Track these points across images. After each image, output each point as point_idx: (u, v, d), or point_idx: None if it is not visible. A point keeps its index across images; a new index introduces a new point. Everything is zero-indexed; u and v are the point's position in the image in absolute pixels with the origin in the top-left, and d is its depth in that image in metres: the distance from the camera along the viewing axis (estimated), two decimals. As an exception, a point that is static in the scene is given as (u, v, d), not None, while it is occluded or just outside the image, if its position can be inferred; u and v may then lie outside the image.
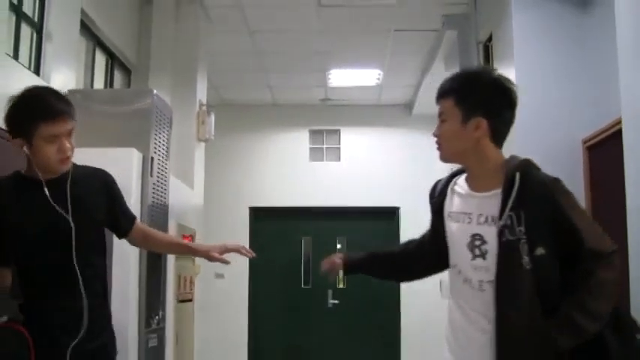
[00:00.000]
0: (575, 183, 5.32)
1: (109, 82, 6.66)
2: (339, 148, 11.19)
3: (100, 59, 6.47)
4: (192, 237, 6.66)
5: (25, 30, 4.92)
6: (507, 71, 5.87)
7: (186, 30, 7.20)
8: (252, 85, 10.08)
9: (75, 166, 3.11)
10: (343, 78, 9.74)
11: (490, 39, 6.66)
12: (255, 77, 9.69)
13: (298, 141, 11.15)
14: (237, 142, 10.81)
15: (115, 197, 3.24)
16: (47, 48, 5.11)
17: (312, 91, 10.36)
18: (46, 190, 2.94)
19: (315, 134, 11.24)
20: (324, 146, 11.22)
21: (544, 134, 5.55)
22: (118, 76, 6.86)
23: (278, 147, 11.13)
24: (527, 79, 5.65)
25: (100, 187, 3.16)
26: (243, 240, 10.88)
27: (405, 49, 8.56)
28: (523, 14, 5.81)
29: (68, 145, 2.92)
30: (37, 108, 2.86)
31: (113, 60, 6.71)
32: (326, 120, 11.13)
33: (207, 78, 7.78)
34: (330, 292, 10.92)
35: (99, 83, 6.42)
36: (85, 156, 4.39)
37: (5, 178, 3.01)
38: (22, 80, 4.58)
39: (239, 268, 10.56)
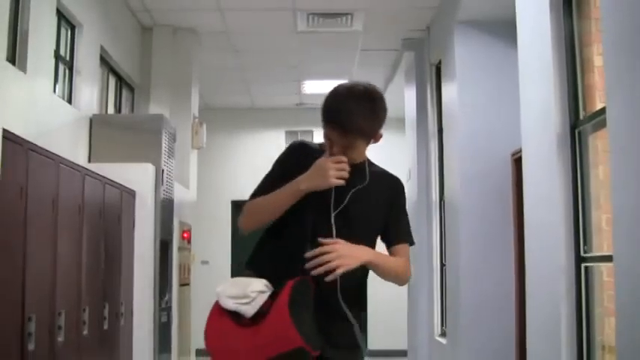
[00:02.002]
0: (505, 191, 6.58)
1: (119, 100, 7.83)
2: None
3: (111, 82, 7.62)
4: (189, 231, 7.88)
5: (61, 67, 6.09)
6: (452, 92, 7.12)
7: (181, 53, 8.36)
8: (233, 93, 11.28)
9: (370, 163, 2.88)
10: (315, 87, 10.96)
11: (440, 62, 7.90)
12: (236, 87, 10.90)
13: (275, 141, 12.30)
14: (219, 142, 11.84)
15: (393, 208, 2.88)
16: (77, 81, 6.30)
17: (287, 98, 11.59)
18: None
19: (291, 134, 12.42)
20: (299, 145, 12.41)
21: (480, 147, 6.76)
22: (125, 94, 8.03)
23: (257, 146, 12.31)
24: (468, 100, 6.87)
25: (386, 195, 2.87)
26: (226, 230, 12.12)
27: (370, 64, 9.80)
28: (463, 47, 7.00)
29: (339, 154, 2.68)
30: (329, 107, 2.69)
31: (121, 82, 7.88)
32: (300, 122, 12.31)
33: (193, 87, 8.91)
34: (305, 276, 12.17)
35: (111, 101, 7.58)
36: (108, 170, 5.65)
37: (315, 145, 2.92)
38: (59, 110, 5.83)
39: (222, 255, 11.84)
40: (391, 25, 8.45)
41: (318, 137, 11.29)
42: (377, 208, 2.83)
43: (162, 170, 6.48)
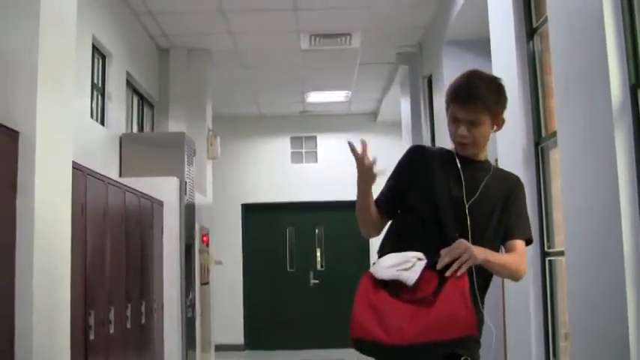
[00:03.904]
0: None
1: (141, 117, 8.64)
2: (316, 152, 13.25)
3: (135, 101, 8.44)
4: (208, 235, 8.70)
5: (95, 93, 6.90)
6: (442, 103, 7.85)
7: (196, 72, 9.18)
8: (242, 103, 12.11)
9: (495, 167, 3.02)
10: (318, 97, 11.78)
11: (431, 76, 8.71)
12: (245, 97, 11.72)
13: (281, 146, 13.20)
14: (229, 148, 12.54)
15: (509, 204, 2.92)
16: (108, 105, 7.12)
17: (292, 106, 12.42)
18: (457, 162, 2.90)
19: (296, 140, 13.30)
20: (304, 150, 13.29)
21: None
22: (146, 111, 8.84)
23: (264, 152, 13.13)
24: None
25: (505, 192, 2.92)
26: (237, 232, 12.92)
27: (368, 76, 10.62)
28: (451, 63, 7.75)
29: (465, 132, 2.83)
30: (454, 89, 2.88)
31: (143, 100, 8.69)
32: (304, 128, 13.19)
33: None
34: (311, 273, 13.02)
35: (135, 118, 8.39)
36: (140, 183, 6.44)
37: (434, 148, 3.16)
38: (95, 132, 6.63)
39: (234, 255, 12.63)
40: (386, 43, 9.25)
41: (320, 142, 12.23)
42: (496, 205, 2.88)
43: (185, 182, 7.30)
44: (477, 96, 2.81)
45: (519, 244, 2.90)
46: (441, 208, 2.81)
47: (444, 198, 2.83)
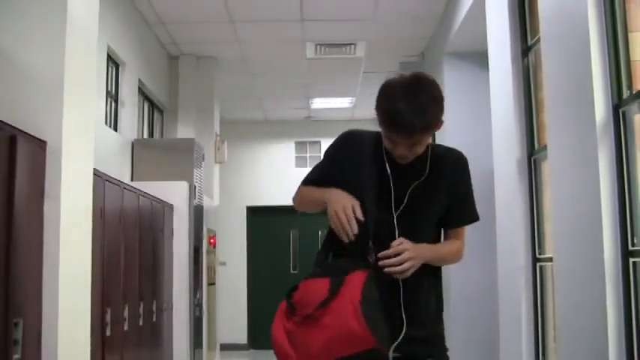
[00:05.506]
0: (488, 200, 7.64)
1: (151, 123, 8.94)
2: (320, 157, 13.39)
3: (145, 107, 8.73)
4: (214, 237, 8.99)
5: (109, 100, 7.19)
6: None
7: (204, 79, 9.48)
8: (248, 108, 12.41)
9: (433, 147, 2.76)
10: (323, 103, 12.07)
11: (433, 85, 8.98)
12: (251, 103, 12.02)
13: (286, 151, 13.50)
14: (235, 152, 12.87)
15: (454, 193, 2.75)
16: (121, 112, 7.41)
17: (297, 112, 12.72)
18: (387, 167, 2.68)
19: (300, 145, 13.61)
20: (308, 155, 13.58)
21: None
22: (156, 116, 9.13)
23: (269, 156, 13.43)
24: (456, 120, 7.90)
25: (446, 181, 2.72)
26: (242, 233, 13.21)
27: (372, 84, 10.80)
28: (451, 73, 8.08)
29: (405, 152, 2.60)
30: (388, 114, 2.55)
31: (153, 106, 8.99)
32: (309, 133, 13.48)
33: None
34: (314, 275, 13.28)
35: (145, 124, 8.69)
36: (152, 187, 6.72)
37: (368, 132, 2.91)
38: (109, 138, 6.92)
39: (239, 256, 12.93)
40: (390, 52, 9.54)
41: (325, 146, 12.40)
42: (438, 198, 2.72)
43: (195, 186, 7.60)
44: (419, 128, 2.53)
45: (463, 229, 2.82)
46: (377, 211, 2.64)
47: (378, 201, 2.66)
